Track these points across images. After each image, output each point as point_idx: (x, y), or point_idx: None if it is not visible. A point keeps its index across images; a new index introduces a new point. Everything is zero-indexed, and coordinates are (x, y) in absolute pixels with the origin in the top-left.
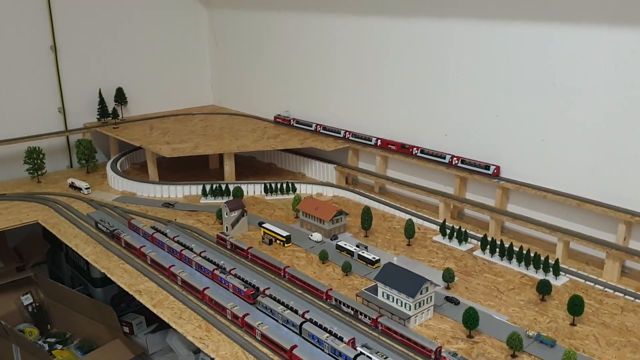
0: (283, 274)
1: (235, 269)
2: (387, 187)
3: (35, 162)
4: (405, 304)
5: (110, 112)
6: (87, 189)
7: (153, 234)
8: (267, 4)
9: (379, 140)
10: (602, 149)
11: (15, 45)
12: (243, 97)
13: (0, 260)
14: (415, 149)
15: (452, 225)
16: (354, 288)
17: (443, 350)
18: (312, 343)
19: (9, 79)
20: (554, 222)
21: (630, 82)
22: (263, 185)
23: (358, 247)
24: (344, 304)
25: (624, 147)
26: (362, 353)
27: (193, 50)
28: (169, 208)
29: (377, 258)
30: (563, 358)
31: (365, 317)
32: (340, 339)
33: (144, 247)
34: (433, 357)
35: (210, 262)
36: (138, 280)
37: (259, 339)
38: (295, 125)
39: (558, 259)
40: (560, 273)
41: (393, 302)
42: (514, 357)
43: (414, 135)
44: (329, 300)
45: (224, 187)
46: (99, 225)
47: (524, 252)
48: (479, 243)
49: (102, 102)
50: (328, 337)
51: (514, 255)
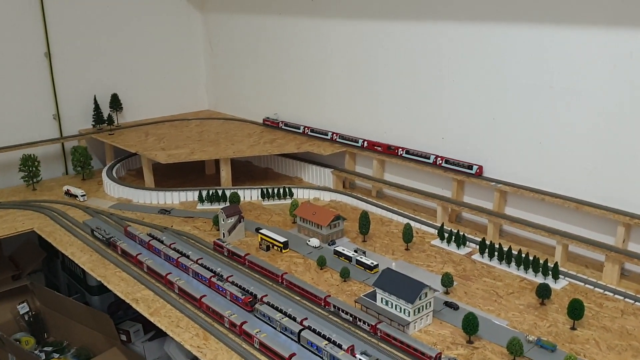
0: (281, 281)
1: (233, 276)
2: (384, 190)
3: (31, 169)
4: (405, 310)
5: (106, 118)
6: (82, 196)
7: (149, 242)
8: (261, 9)
9: (365, 142)
10: (600, 151)
11: (10, 53)
12: (239, 101)
13: None
14: (401, 150)
15: (450, 229)
16: (353, 294)
17: (443, 357)
18: (311, 351)
19: (3, 86)
20: (553, 224)
21: (628, 84)
22: (260, 191)
23: (356, 252)
24: (343, 311)
25: (623, 149)
26: None
27: (188, 55)
28: (166, 214)
29: (375, 263)
30: None
31: (364, 323)
32: (340, 347)
33: (141, 254)
34: None
35: (208, 269)
36: (135, 289)
37: (257, 347)
38: (284, 128)
39: (557, 262)
40: (560, 276)
41: (392, 308)
42: None
43: (411, 139)
44: (328, 307)
45: (221, 192)
46: (95, 233)
47: (523, 255)
48: (478, 247)
49: (97, 108)
50: (327, 344)
51: (513, 259)
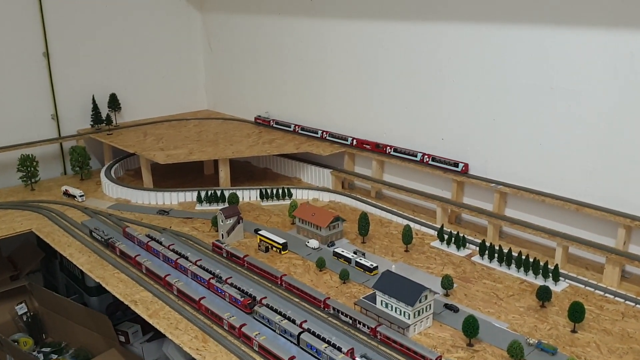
0: (280, 283)
1: (232, 278)
2: (383, 191)
3: (29, 169)
4: (405, 313)
5: (104, 118)
6: (81, 197)
7: (148, 243)
8: (261, 9)
9: (355, 140)
10: (601, 152)
11: (8, 52)
12: (238, 101)
13: None
14: (389, 148)
15: (450, 231)
16: (352, 296)
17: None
18: (310, 354)
19: (1, 86)
20: (553, 226)
21: (629, 85)
22: (259, 191)
23: (355, 253)
24: (342, 313)
25: (623, 150)
26: None
27: (187, 55)
28: (164, 215)
29: (375, 265)
30: None
31: (364, 326)
32: (339, 349)
33: (139, 255)
34: None
35: (206, 271)
36: (133, 290)
37: (257, 350)
38: (275, 126)
39: (557, 265)
40: (560, 278)
41: (392, 310)
42: None
43: (412, 139)
44: (327, 309)
45: (219, 193)
46: (94, 234)
47: (523, 257)
48: (478, 248)
49: (95, 108)
50: (326, 347)
51: (513, 261)
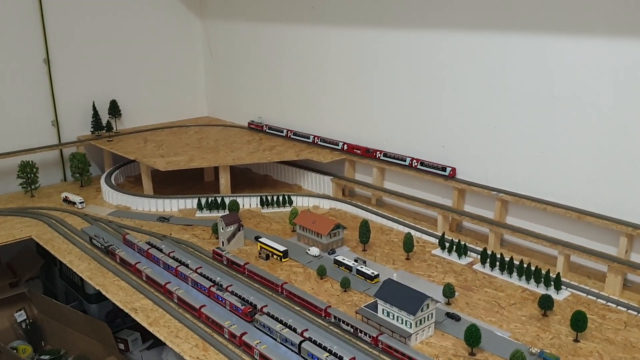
0: (281, 291)
1: (232, 286)
2: (384, 199)
3: (29, 176)
4: (406, 322)
5: (104, 124)
6: (81, 203)
7: (148, 250)
8: (261, 16)
9: (346, 145)
10: (602, 161)
11: (8, 59)
12: (238, 108)
13: None
14: (379, 153)
15: (451, 239)
16: (353, 305)
17: None
18: None
19: (2, 92)
20: (554, 234)
21: (630, 93)
22: (259, 198)
23: (356, 261)
24: (344, 322)
25: (625, 158)
26: None
27: (187, 62)
28: (164, 222)
29: (376, 273)
30: None
31: (366, 335)
32: (341, 359)
33: (139, 263)
34: None
35: (207, 278)
36: (133, 298)
37: (258, 359)
38: (267, 131)
39: (559, 273)
40: (562, 287)
41: (393, 319)
42: None
43: (412, 147)
44: (328, 318)
45: (220, 200)
46: (94, 241)
47: (525, 265)
48: (479, 256)
49: (96, 114)
50: (328, 356)
51: (515, 269)
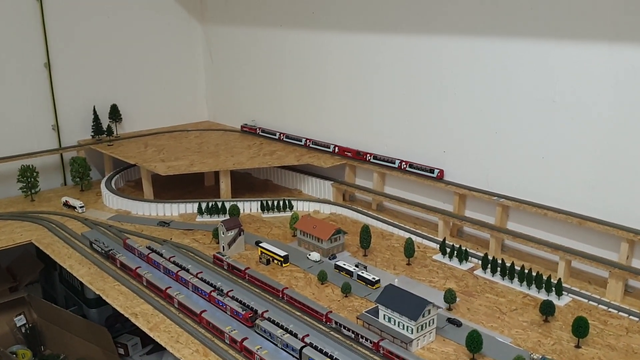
0: (281, 296)
1: (233, 291)
2: (384, 203)
3: (29, 180)
4: (407, 327)
5: (105, 129)
6: (81, 208)
7: (149, 255)
8: (262, 21)
9: (337, 148)
10: (603, 166)
11: (9, 63)
12: (238, 112)
13: None
14: (369, 155)
15: (452, 244)
16: (354, 310)
17: None
18: None
19: (3, 96)
20: (555, 240)
21: (631, 98)
22: (260, 203)
23: (357, 267)
24: (345, 327)
25: (626, 164)
26: None
27: (188, 67)
28: (165, 227)
29: (377, 278)
30: None
31: (367, 340)
32: None
33: (140, 268)
34: None
35: (208, 283)
36: (134, 303)
37: None
38: (261, 134)
39: (560, 279)
40: (563, 292)
41: (394, 325)
42: None
43: (413, 152)
44: (329, 323)
45: (220, 204)
46: (94, 246)
47: (526, 271)
48: (480, 262)
49: (96, 119)
50: None
51: (516, 275)
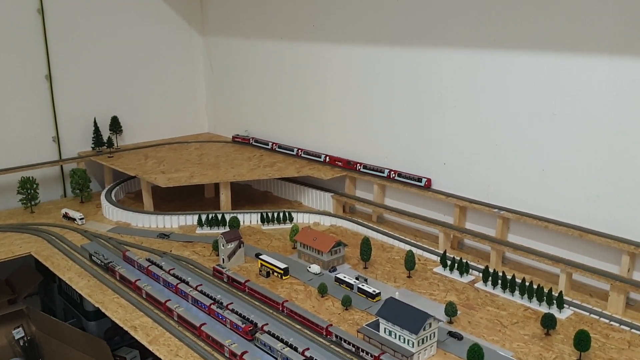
0: (282, 309)
1: (233, 304)
2: (385, 216)
3: (29, 192)
4: (408, 341)
5: (105, 140)
6: (81, 219)
7: (148, 267)
8: (262, 33)
9: (327, 157)
10: (604, 178)
11: (10, 74)
12: (239, 124)
13: None
14: (359, 165)
15: (452, 257)
16: (355, 323)
17: None
18: None
19: (3, 108)
20: (556, 252)
21: (632, 111)
22: (260, 215)
23: (357, 279)
24: (345, 341)
25: (626, 176)
26: None
27: (188, 79)
28: (164, 239)
29: (377, 291)
30: None
31: (367, 354)
32: None
33: (139, 280)
34: None
35: (207, 296)
36: (133, 316)
37: None
38: (254, 144)
39: (562, 292)
40: (564, 305)
41: (395, 338)
42: None
43: (413, 164)
44: (330, 337)
45: (220, 216)
46: (93, 258)
47: (527, 284)
48: (481, 275)
49: (97, 130)
50: None
51: (517, 288)
